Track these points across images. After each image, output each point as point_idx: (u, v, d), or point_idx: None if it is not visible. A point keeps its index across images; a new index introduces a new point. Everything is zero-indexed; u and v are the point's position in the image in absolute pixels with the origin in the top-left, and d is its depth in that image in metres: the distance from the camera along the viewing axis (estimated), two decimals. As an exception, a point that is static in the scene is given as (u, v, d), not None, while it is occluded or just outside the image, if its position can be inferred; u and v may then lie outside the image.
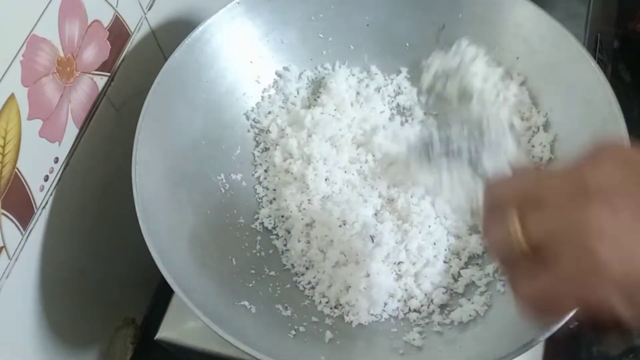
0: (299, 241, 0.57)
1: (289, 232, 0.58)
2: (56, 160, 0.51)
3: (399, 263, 0.55)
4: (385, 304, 0.53)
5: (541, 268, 0.31)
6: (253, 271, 0.55)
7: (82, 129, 0.53)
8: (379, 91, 0.64)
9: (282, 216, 0.59)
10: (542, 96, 0.58)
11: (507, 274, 0.33)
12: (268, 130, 0.62)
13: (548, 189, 0.32)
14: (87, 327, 0.60)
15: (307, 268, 0.56)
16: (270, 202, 0.60)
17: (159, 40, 0.61)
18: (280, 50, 0.64)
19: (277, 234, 0.58)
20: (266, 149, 0.62)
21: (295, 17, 0.63)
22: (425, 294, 0.54)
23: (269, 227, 0.59)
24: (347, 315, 0.53)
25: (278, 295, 0.54)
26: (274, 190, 0.60)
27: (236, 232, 0.57)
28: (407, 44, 0.64)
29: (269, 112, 0.63)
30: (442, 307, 0.53)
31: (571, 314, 0.38)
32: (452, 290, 0.54)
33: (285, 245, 0.58)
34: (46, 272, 0.52)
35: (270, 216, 0.59)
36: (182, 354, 0.56)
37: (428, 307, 0.53)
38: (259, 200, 0.60)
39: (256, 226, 0.58)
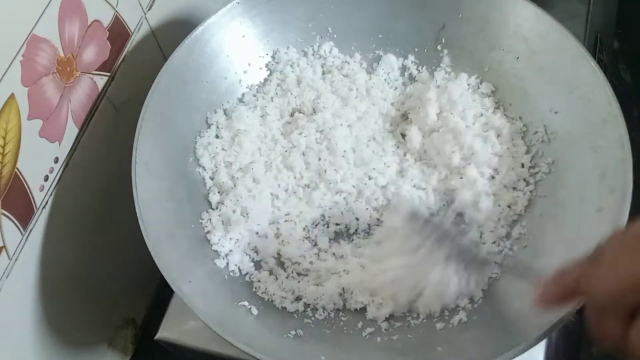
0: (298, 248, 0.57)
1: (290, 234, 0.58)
2: (56, 160, 0.51)
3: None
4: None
5: None
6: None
7: (82, 129, 0.53)
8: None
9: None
10: (542, 96, 0.58)
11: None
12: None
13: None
14: (87, 327, 0.60)
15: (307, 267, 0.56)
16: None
17: (159, 40, 0.61)
18: (280, 50, 0.64)
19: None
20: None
21: (295, 17, 0.63)
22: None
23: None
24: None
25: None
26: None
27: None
28: (407, 44, 0.64)
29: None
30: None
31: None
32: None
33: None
34: (46, 272, 0.52)
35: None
36: (182, 354, 0.56)
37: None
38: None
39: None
